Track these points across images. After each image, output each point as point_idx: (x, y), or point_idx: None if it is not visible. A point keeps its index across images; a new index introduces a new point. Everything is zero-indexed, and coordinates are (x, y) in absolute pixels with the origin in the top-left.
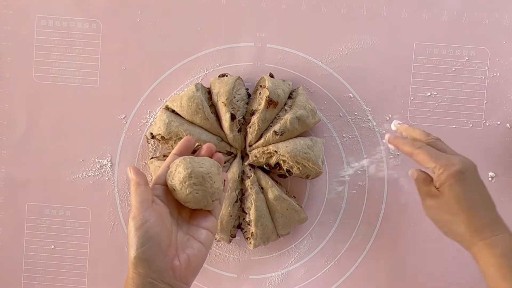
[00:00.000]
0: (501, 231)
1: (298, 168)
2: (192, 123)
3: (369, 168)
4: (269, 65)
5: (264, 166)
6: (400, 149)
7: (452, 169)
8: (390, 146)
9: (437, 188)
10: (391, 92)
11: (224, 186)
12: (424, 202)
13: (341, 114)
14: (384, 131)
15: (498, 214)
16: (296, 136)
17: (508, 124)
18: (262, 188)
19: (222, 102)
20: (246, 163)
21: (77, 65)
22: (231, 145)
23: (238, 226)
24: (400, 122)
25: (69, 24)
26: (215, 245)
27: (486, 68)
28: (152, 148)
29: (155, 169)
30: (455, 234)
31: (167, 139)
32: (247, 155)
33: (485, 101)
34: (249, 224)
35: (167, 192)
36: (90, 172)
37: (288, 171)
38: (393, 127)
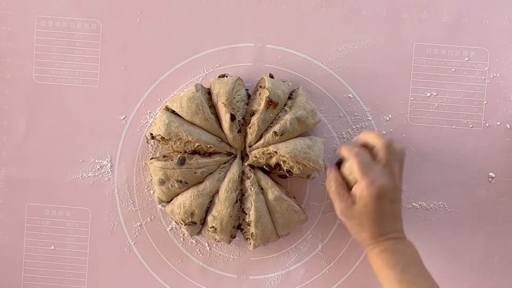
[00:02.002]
0: (391, 236)
1: (299, 168)
2: (192, 123)
3: None
4: (269, 65)
5: (264, 166)
6: (345, 156)
7: (372, 190)
8: (338, 153)
9: (353, 195)
10: (391, 93)
11: None
12: (337, 205)
13: (341, 115)
14: (384, 132)
15: (399, 222)
16: (296, 137)
17: (508, 125)
18: (262, 188)
19: (222, 103)
20: (246, 164)
21: (77, 65)
22: (231, 146)
23: (238, 226)
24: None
25: (69, 25)
26: (214, 245)
27: (486, 68)
28: (152, 149)
29: (154, 170)
30: (358, 237)
31: (167, 139)
32: (247, 155)
33: (485, 102)
34: (249, 225)
35: None
36: (90, 172)
37: (288, 171)
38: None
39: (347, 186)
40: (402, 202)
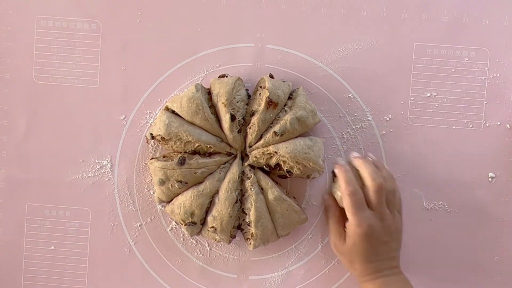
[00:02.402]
0: (385, 274)
1: (299, 168)
2: (192, 123)
3: None
4: (269, 65)
5: (264, 166)
6: (338, 180)
7: (361, 230)
8: (336, 170)
9: (346, 231)
10: (391, 93)
11: None
12: (331, 237)
13: (341, 115)
14: (384, 132)
15: (394, 261)
16: (296, 137)
17: (508, 125)
18: (262, 188)
19: (222, 103)
20: (246, 164)
21: (77, 66)
22: (231, 146)
23: (238, 226)
24: (357, 155)
25: (69, 25)
26: (214, 245)
27: (486, 68)
28: (152, 149)
29: (154, 170)
30: (352, 272)
31: (167, 139)
32: (247, 155)
33: (485, 102)
34: (249, 225)
35: None
36: (90, 172)
37: (288, 171)
38: (351, 157)
39: (339, 208)
40: (401, 240)
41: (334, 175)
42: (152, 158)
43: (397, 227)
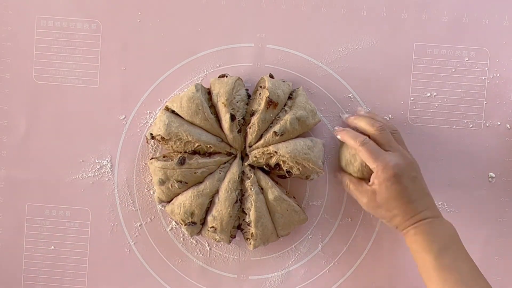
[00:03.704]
0: (427, 215)
1: (298, 168)
2: (192, 123)
3: None
4: (269, 65)
5: (264, 166)
6: (346, 143)
7: (388, 172)
8: (338, 137)
9: (372, 184)
10: (391, 93)
11: None
12: (361, 200)
13: (341, 115)
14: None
15: (432, 203)
16: (296, 137)
17: (508, 125)
18: (262, 188)
19: (222, 103)
20: (246, 164)
21: (77, 65)
22: (231, 146)
23: (238, 226)
24: (347, 116)
25: (69, 25)
26: (214, 245)
27: (486, 68)
28: (152, 149)
29: (154, 170)
30: (393, 224)
31: (167, 139)
32: (247, 155)
33: (485, 102)
34: (249, 225)
35: None
36: (90, 172)
37: (288, 171)
38: (343, 118)
39: (353, 176)
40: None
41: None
42: (152, 158)
43: (416, 162)
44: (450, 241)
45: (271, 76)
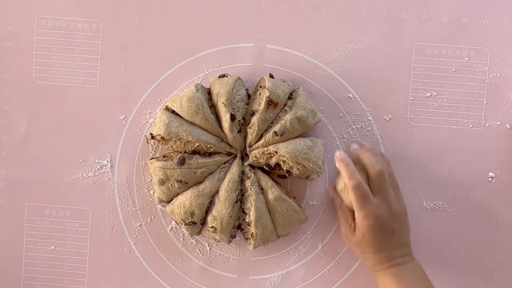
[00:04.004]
0: (398, 262)
1: (298, 168)
2: (192, 123)
3: None
4: (269, 65)
5: (264, 166)
6: (341, 173)
7: (368, 222)
8: (336, 164)
9: (355, 222)
10: (391, 93)
11: None
12: (341, 228)
13: (341, 115)
14: (384, 133)
15: (405, 247)
16: (296, 137)
17: (508, 125)
18: (262, 188)
19: (222, 103)
20: (246, 164)
21: (77, 66)
22: (231, 146)
23: (238, 226)
24: (356, 147)
25: (69, 25)
26: (214, 245)
27: (486, 68)
28: (152, 149)
29: (154, 170)
30: (363, 263)
31: (167, 139)
32: (247, 155)
33: (485, 102)
34: (249, 225)
35: None
36: (90, 172)
37: (288, 171)
38: (351, 149)
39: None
40: (408, 224)
41: None
42: (152, 158)
43: (403, 210)
44: (419, 284)
45: (271, 76)
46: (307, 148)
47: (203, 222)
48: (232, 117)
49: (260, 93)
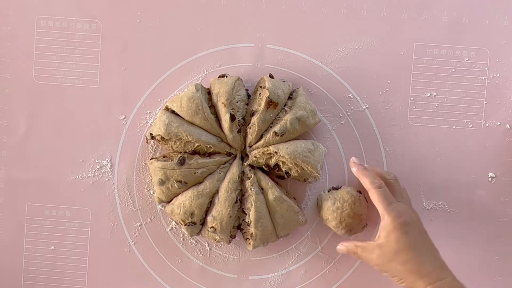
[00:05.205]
0: (445, 275)
1: (297, 170)
2: (192, 123)
3: None
4: (269, 65)
5: (263, 166)
6: (360, 179)
7: (398, 220)
8: (354, 169)
9: (378, 238)
10: (391, 93)
11: None
12: (371, 259)
13: (341, 115)
14: (384, 133)
15: (442, 259)
16: (298, 138)
17: (508, 125)
18: (262, 188)
19: (222, 103)
20: (246, 164)
21: (77, 66)
22: (230, 146)
23: (238, 226)
24: (356, 169)
25: (69, 25)
26: (214, 245)
27: (486, 68)
28: (152, 149)
29: (154, 170)
30: (406, 282)
31: (167, 139)
32: (247, 155)
33: (485, 102)
34: (248, 225)
35: None
36: (90, 172)
37: (286, 172)
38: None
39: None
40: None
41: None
42: (152, 158)
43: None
44: None
45: (271, 76)
46: (307, 151)
47: (203, 222)
48: (232, 117)
49: (260, 93)
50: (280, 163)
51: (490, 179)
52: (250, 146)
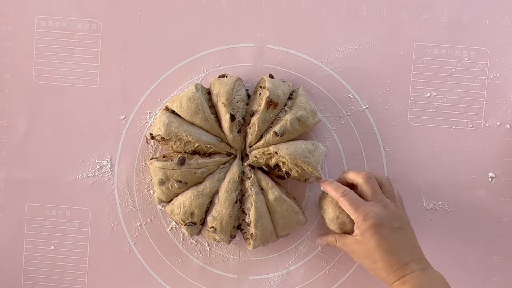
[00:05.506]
0: (414, 268)
1: (297, 171)
2: (192, 123)
3: (367, 169)
4: (269, 65)
5: (264, 167)
6: (328, 193)
7: (368, 223)
8: (322, 187)
9: (355, 235)
10: (391, 93)
11: None
12: (350, 251)
13: (341, 115)
14: (384, 133)
15: (418, 252)
16: (298, 138)
17: (508, 125)
18: (262, 189)
19: (222, 103)
20: (246, 164)
21: (77, 66)
22: (231, 146)
23: (238, 226)
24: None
25: (69, 25)
26: (214, 245)
27: (486, 68)
28: (152, 149)
29: (154, 170)
30: (378, 277)
31: (167, 139)
32: (247, 156)
33: (485, 102)
34: (248, 225)
35: None
36: (90, 172)
37: (286, 173)
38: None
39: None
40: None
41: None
42: (152, 158)
43: (402, 214)
44: None
45: (271, 76)
46: (307, 151)
47: (203, 222)
48: (232, 117)
49: (260, 93)
50: (280, 163)
51: (490, 179)
52: (250, 146)
